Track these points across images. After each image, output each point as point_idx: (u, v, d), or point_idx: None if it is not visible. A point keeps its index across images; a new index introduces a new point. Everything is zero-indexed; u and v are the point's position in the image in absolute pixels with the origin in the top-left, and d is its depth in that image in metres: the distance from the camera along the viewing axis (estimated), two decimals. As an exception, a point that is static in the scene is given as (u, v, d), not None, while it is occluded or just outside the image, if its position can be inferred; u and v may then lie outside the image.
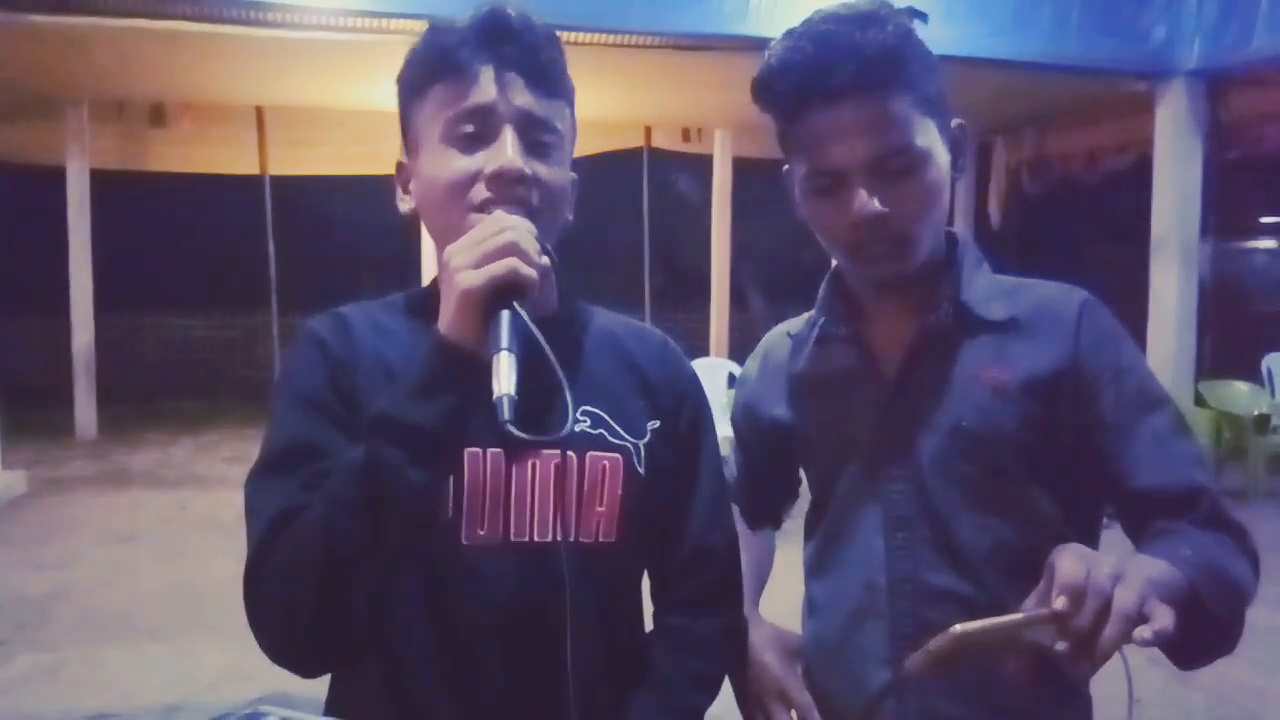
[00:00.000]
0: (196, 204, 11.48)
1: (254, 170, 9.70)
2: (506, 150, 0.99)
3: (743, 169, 10.13)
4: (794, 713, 1.16)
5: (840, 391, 1.18)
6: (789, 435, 1.24)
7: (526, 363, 0.89)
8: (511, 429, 0.84)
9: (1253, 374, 7.59)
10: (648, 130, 10.35)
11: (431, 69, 1.03)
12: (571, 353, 0.90)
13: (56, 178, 8.93)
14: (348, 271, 10.79)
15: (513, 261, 0.90)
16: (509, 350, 0.88)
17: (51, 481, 7.41)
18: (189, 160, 9.89)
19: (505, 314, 0.89)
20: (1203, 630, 0.86)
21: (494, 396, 0.86)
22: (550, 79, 1.05)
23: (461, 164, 1.00)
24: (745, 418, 1.33)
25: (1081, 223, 11.17)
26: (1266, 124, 7.26)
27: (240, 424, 10.15)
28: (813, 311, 1.25)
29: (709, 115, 9.66)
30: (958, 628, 0.77)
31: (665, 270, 11.63)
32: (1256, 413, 6.72)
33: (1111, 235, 10.07)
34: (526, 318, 0.90)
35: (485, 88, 1.00)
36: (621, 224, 10.77)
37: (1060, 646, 0.76)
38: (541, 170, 1.02)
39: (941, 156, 1.08)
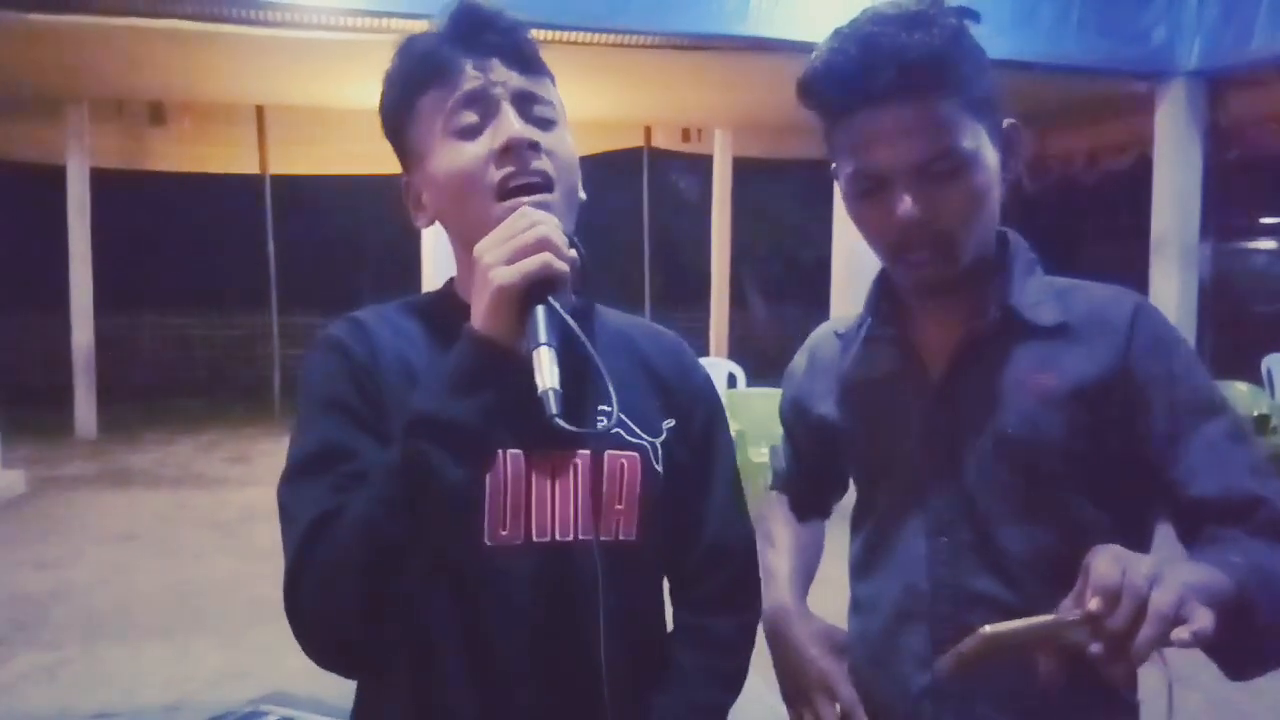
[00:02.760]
0: (196, 203, 11.50)
1: (254, 169, 9.72)
2: (511, 122, 0.99)
3: (742, 169, 10.14)
4: (838, 707, 1.16)
5: (886, 394, 1.17)
6: (835, 433, 1.23)
7: (561, 358, 0.89)
8: (560, 423, 0.84)
9: (1253, 374, 7.59)
10: (647, 130, 10.36)
11: (416, 79, 1.03)
12: None
13: (56, 176, 8.94)
14: (348, 271, 10.81)
15: (546, 256, 0.89)
16: (549, 345, 0.88)
17: (51, 480, 7.42)
18: (189, 159, 9.90)
19: (541, 309, 0.89)
20: (1253, 637, 0.84)
21: (539, 391, 0.85)
22: (531, 58, 1.05)
23: (470, 150, 1.00)
24: (793, 412, 1.33)
25: (1081, 222, 11.18)
26: (1266, 124, 7.26)
27: (239, 423, 10.16)
28: (861, 311, 1.24)
29: (709, 115, 9.67)
30: (987, 628, 0.75)
31: (665, 270, 11.64)
32: (1257, 413, 6.72)
33: (1111, 235, 10.09)
34: (562, 312, 0.90)
35: (472, 76, 1.01)
36: (621, 224, 10.78)
37: (1094, 648, 0.74)
38: (548, 139, 1.02)
39: (990, 158, 1.06)
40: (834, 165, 1.12)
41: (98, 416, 9.30)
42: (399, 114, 1.06)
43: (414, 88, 1.04)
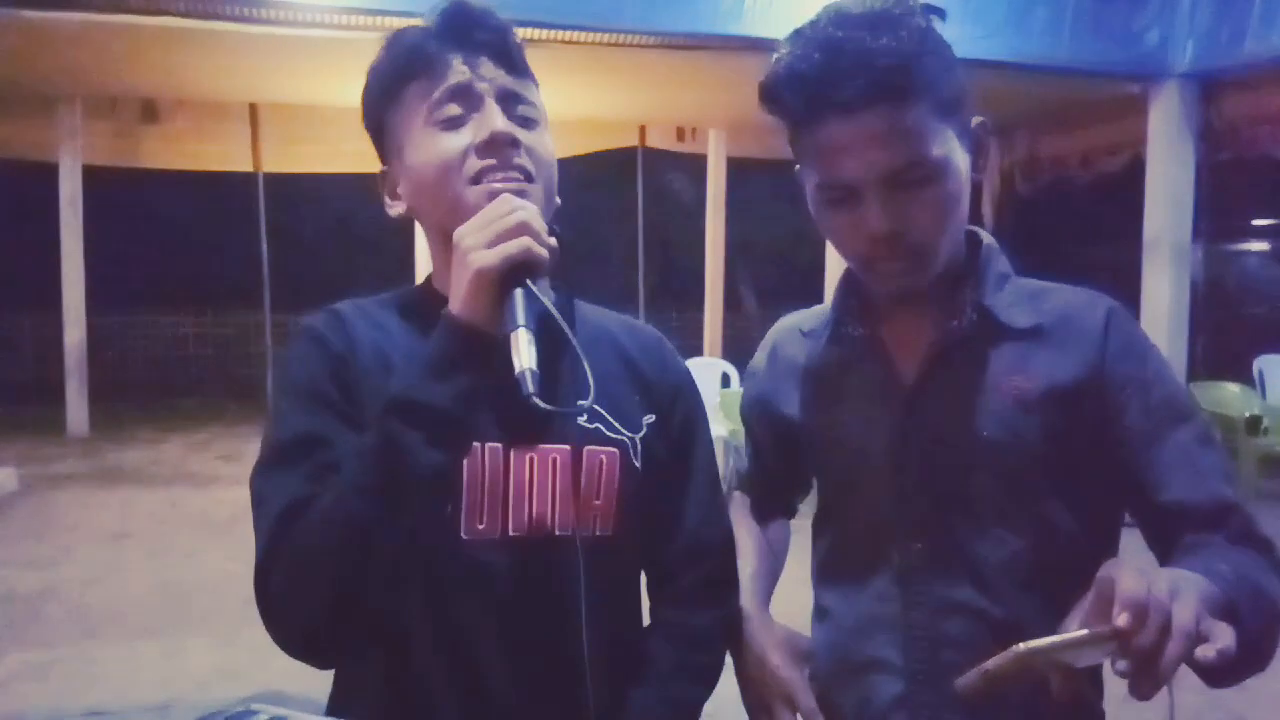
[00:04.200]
0: (189, 201, 11.47)
1: (247, 167, 9.68)
2: (495, 118, 1.01)
3: (737, 168, 10.14)
4: (799, 717, 1.14)
5: (856, 395, 1.15)
6: (800, 434, 1.21)
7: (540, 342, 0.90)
8: (537, 401, 0.85)
9: (1244, 375, 7.61)
10: (642, 129, 10.33)
11: (402, 70, 1.05)
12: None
13: (49, 174, 8.91)
14: (341, 269, 10.78)
15: (526, 240, 0.90)
16: (526, 327, 0.88)
17: (42, 479, 7.38)
18: (182, 157, 9.85)
19: (519, 292, 0.90)
20: (1238, 646, 0.83)
21: (516, 371, 0.86)
22: (518, 60, 1.06)
23: (450, 142, 1.01)
24: (755, 411, 1.31)
25: (1074, 224, 11.21)
26: (1258, 126, 7.28)
27: (232, 422, 10.14)
28: (824, 307, 1.21)
29: (704, 115, 9.66)
30: (1020, 647, 0.73)
31: (659, 270, 11.63)
32: (1248, 414, 6.74)
33: (1104, 237, 10.11)
34: (540, 295, 0.91)
35: (459, 70, 1.02)
36: (615, 223, 10.78)
37: (1121, 666, 0.73)
38: (529, 137, 1.03)
39: (960, 161, 1.03)
40: (799, 168, 1.10)
41: (89, 414, 9.25)
42: (382, 103, 1.07)
43: (399, 78, 1.05)
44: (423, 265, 6.26)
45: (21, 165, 9.53)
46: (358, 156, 9.29)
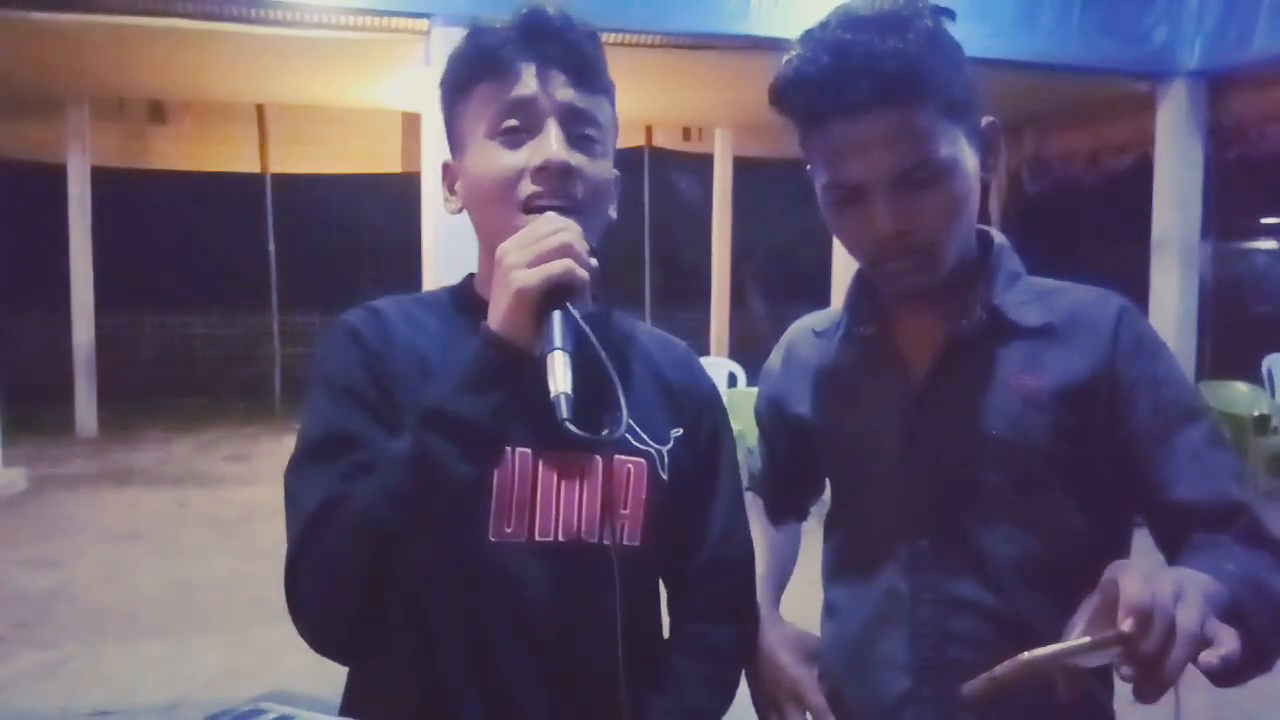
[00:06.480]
0: (197, 202, 11.48)
1: (255, 168, 9.72)
2: (551, 144, 1.00)
3: (743, 168, 10.14)
4: (808, 715, 1.14)
5: (866, 394, 1.15)
6: (812, 434, 1.22)
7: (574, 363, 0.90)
8: (570, 427, 0.85)
9: (1253, 375, 7.58)
10: (648, 129, 10.36)
11: (474, 69, 1.05)
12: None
13: (57, 175, 8.95)
14: (348, 270, 10.80)
15: (568, 262, 0.90)
16: (563, 350, 0.89)
17: (52, 479, 7.42)
18: (190, 158, 9.91)
19: (558, 314, 0.90)
20: (1243, 646, 0.83)
21: (551, 395, 0.86)
22: (591, 74, 1.05)
23: (507, 160, 1.01)
24: (769, 412, 1.31)
25: (1082, 223, 11.17)
26: (1267, 124, 7.26)
27: (240, 422, 10.16)
28: (838, 308, 1.22)
29: (709, 114, 9.67)
30: (1027, 655, 0.74)
31: (665, 269, 11.63)
32: (1256, 413, 6.71)
33: (1112, 235, 10.08)
34: (579, 318, 0.91)
35: (527, 82, 1.01)
36: (622, 223, 10.70)
37: (1126, 671, 0.73)
38: (585, 163, 1.03)
39: (969, 162, 1.04)
40: (809, 167, 1.10)
41: (98, 415, 9.29)
42: (453, 97, 1.08)
43: (471, 77, 1.05)
44: (430, 266, 6.26)
45: (30, 166, 9.57)
46: (364, 157, 9.34)
